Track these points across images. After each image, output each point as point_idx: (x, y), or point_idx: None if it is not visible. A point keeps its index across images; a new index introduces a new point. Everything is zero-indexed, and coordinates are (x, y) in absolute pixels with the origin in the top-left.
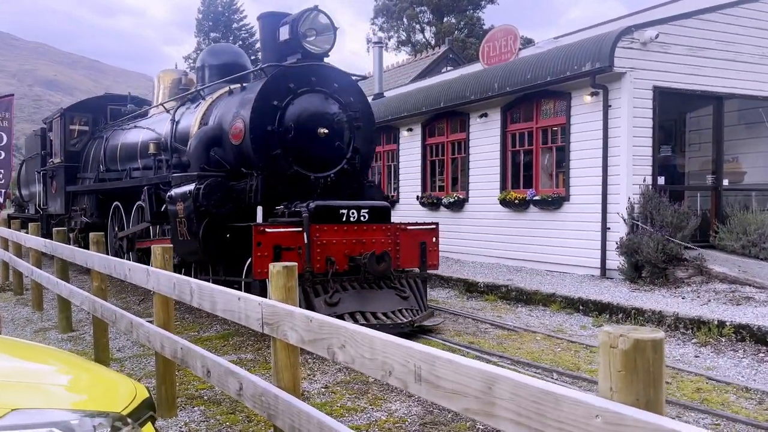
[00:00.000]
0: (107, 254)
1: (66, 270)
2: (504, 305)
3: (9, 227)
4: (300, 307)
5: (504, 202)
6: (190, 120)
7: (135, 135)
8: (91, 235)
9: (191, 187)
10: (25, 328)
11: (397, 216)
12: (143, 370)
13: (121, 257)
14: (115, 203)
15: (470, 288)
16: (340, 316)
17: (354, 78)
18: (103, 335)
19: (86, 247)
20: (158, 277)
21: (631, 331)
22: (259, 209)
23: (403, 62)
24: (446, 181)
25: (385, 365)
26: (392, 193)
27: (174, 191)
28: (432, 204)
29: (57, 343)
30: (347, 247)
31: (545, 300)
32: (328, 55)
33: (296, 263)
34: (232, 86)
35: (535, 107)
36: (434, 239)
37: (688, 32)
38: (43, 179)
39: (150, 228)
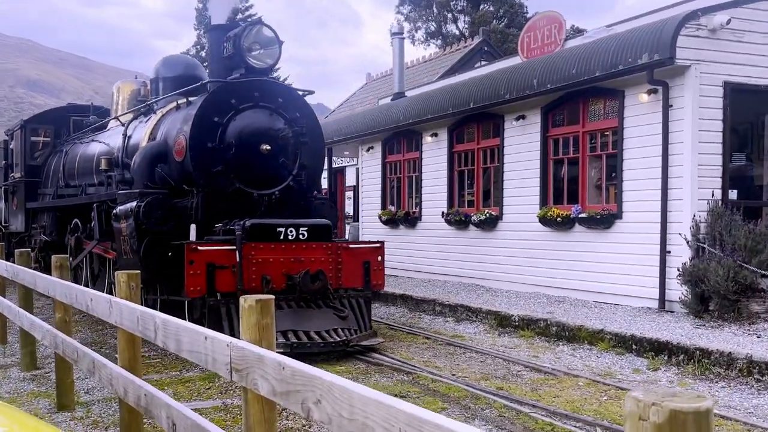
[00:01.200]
0: (72, 280)
1: (29, 297)
2: (542, 343)
3: None
4: (228, 326)
5: (544, 220)
6: (141, 134)
7: (92, 149)
8: (54, 258)
9: (133, 204)
10: None
11: (420, 236)
12: (112, 417)
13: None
14: (74, 220)
15: (503, 322)
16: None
17: (300, 92)
18: (67, 375)
19: (47, 269)
20: (121, 309)
21: (668, 399)
22: (193, 227)
23: (430, 57)
24: (476, 195)
25: (366, 428)
26: (413, 209)
27: (118, 209)
28: (459, 222)
29: (17, 383)
30: (285, 265)
31: (591, 337)
32: (273, 70)
33: (272, 297)
34: (180, 101)
35: (582, 108)
36: (379, 258)
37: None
38: (5, 195)
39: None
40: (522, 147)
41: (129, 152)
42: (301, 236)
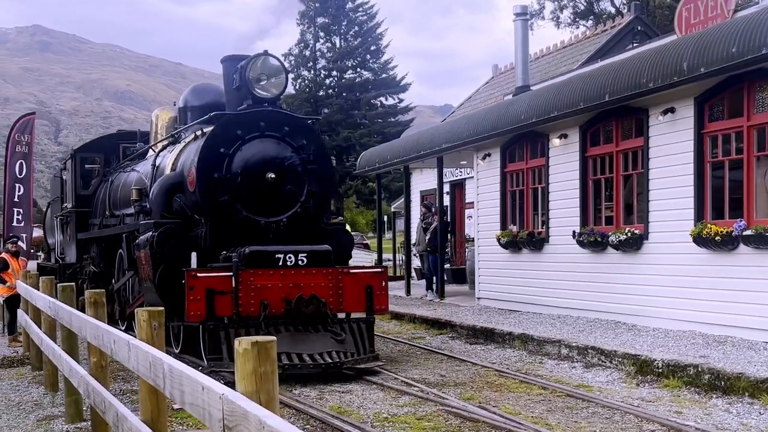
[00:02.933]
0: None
1: (73, 338)
2: (690, 395)
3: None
4: (228, 349)
5: (699, 240)
6: (166, 164)
7: (131, 178)
8: (87, 293)
9: (149, 234)
10: (29, 415)
11: (547, 262)
12: None
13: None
14: (119, 251)
15: (642, 368)
16: None
17: (308, 121)
18: (103, 429)
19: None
20: (137, 353)
21: None
22: (193, 255)
23: (570, 41)
24: (616, 210)
25: None
26: (539, 229)
27: (139, 239)
28: (594, 243)
29: None
30: (284, 291)
31: (753, 388)
32: (280, 99)
33: (273, 339)
34: (199, 131)
35: (746, 96)
36: (383, 283)
37: None
38: (61, 226)
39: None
40: (671, 148)
41: (156, 182)
42: (300, 262)
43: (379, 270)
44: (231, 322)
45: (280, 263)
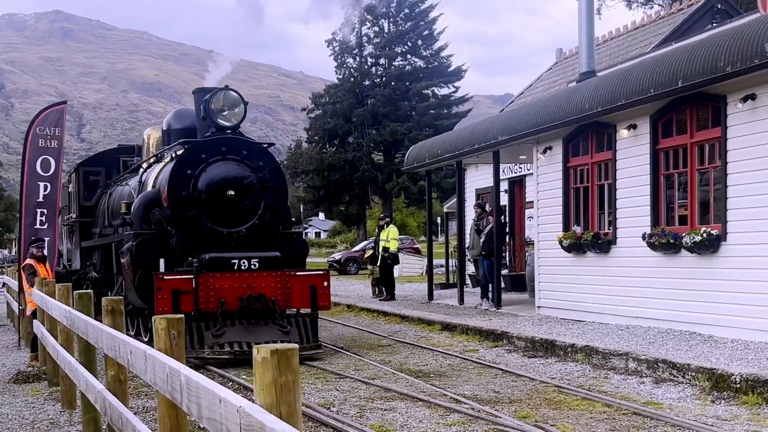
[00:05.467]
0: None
1: (91, 350)
2: None
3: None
4: (189, 340)
5: None
6: (149, 180)
7: (124, 192)
8: (104, 301)
9: (130, 243)
10: None
11: (614, 266)
12: None
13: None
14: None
15: (718, 383)
16: (223, 345)
17: (264, 145)
18: None
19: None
20: (154, 364)
21: None
22: (162, 261)
23: (642, 22)
24: (691, 209)
25: None
26: (605, 230)
27: (123, 247)
28: (666, 245)
29: None
30: (239, 291)
31: None
32: (239, 126)
33: (294, 346)
34: (179, 151)
35: None
36: (325, 283)
37: None
38: (68, 234)
39: None
40: (752, 139)
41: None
42: (252, 266)
43: (322, 272)
44: (193, 316)
45: (236, 267)
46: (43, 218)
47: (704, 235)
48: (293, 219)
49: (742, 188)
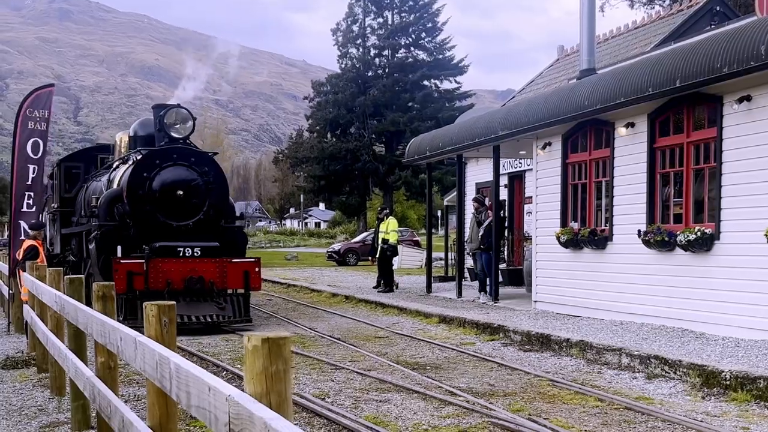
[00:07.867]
0: (116, 314)
1: (81, 336)
2: (759, 409)
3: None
4: (141, 315)
5: None
6: (115, 179)
7: (97, 187)
8: (95, 286)
9: (96, 233)
10: (31, 422)
11: (610, 263)
12: None
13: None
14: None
15: (709, 380)
16: None
17: (209, 154)
18: None
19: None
20: (144, 351)
21: None
22: (119, 247)
23: (642, 22)
24: (686, 207)
25: None
26: (602, 227)
27: (90, 236)
28: (661, 243)
29: None
30: (183, 273)
31: None
32: (188, 137)
33: (287, 335)
34: (138, 157)
35: None
36: (256, 269)
37: None
38: (51, 222)
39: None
40: (747, 140)
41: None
42: (195, 254)
43: (253, 260)
44: (143, 294)
45: (181, 254)
46: (30, 201)
47: (698, 233)
48: (237, 215)
49: (736, 188)
